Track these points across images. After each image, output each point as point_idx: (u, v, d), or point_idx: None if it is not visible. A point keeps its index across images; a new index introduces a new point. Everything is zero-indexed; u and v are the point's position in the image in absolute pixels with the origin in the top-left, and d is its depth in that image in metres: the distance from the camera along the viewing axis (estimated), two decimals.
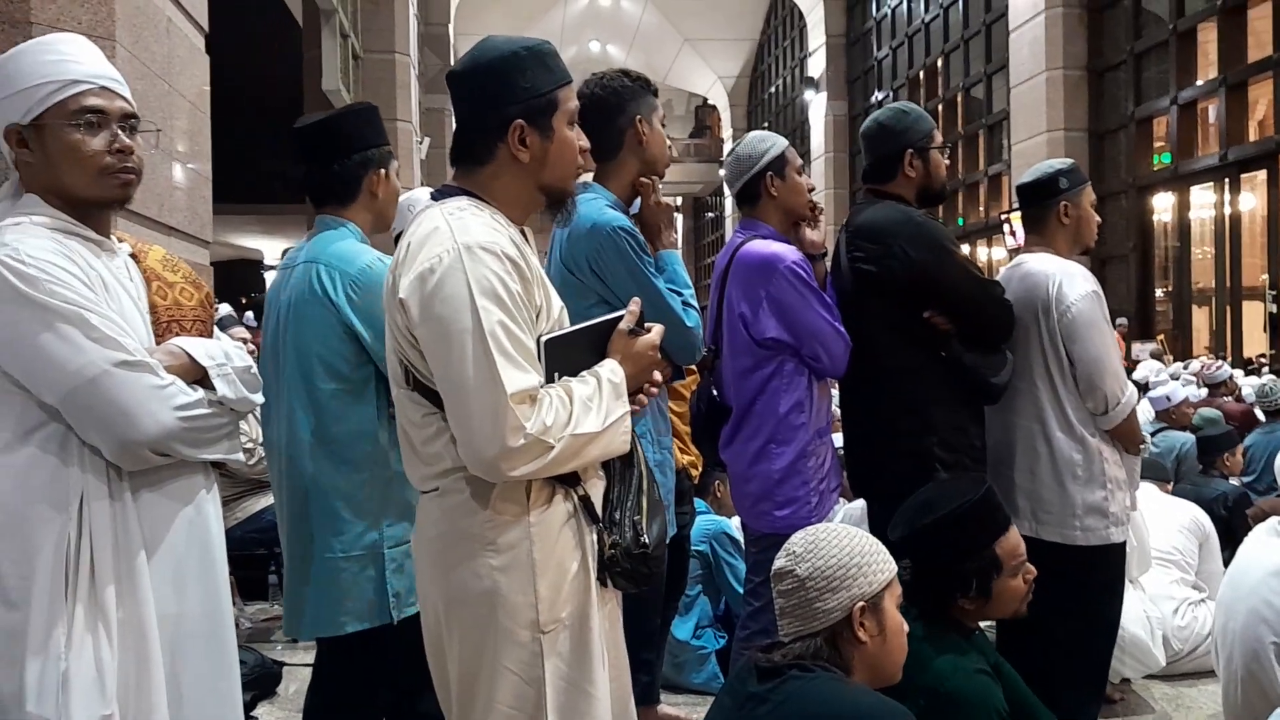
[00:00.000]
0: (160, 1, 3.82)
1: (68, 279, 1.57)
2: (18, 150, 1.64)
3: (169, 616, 1.65)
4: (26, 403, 1.57)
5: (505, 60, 1.60)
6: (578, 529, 1.61)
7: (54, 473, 1.57)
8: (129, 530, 1.62)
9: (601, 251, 2.23)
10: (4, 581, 1.56)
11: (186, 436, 1.64)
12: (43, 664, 1.53)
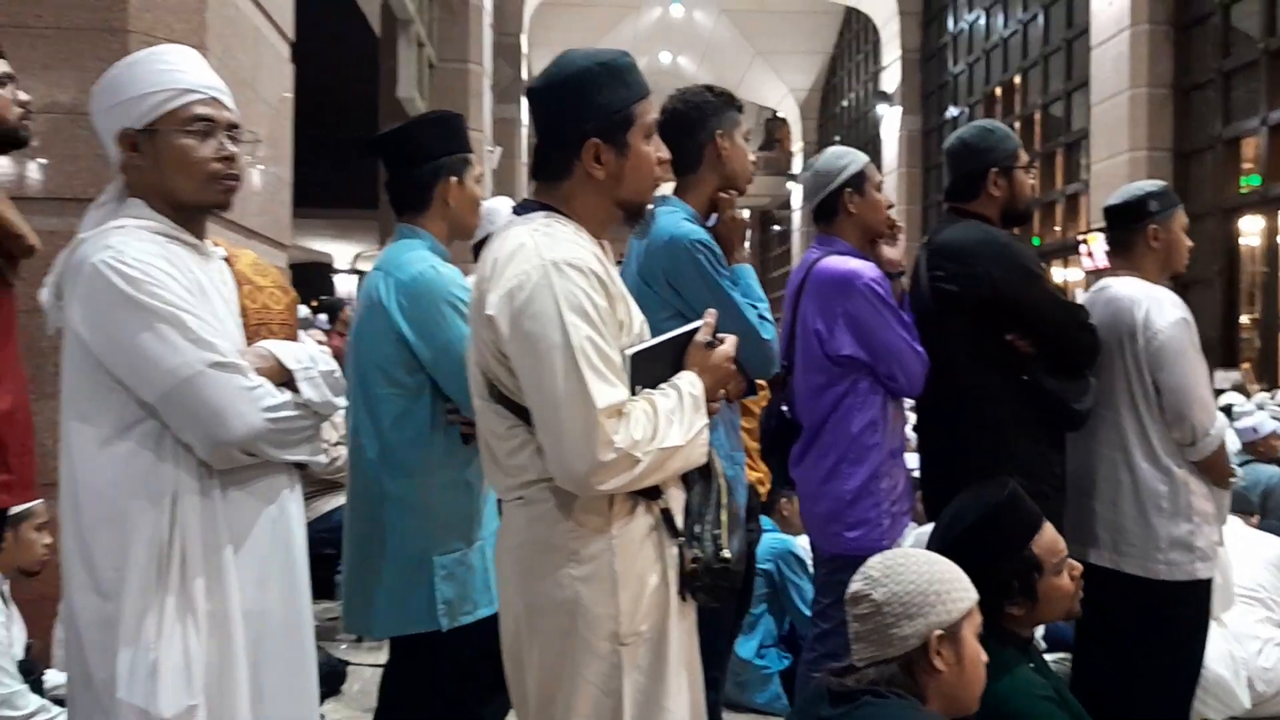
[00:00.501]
0: (249, 11, 3.93)
1: (168, 281, 1.62)
2: (128, 154, 1.70)
3: (252, 613, 1.69)
4: (126, 400, 1.62)
5: (580, 77, 1.61)
6: (659, 542, 1.62)
7: (150, 468, 1.62)
8: (217, 526, 1.66)
9: (678, 265, 2.23)
10: (98, 572, 1.61)
11: (273, 438, 1.68)
12: (134, 653, 1.58)
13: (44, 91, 3.19)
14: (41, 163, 3.23)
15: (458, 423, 2.13)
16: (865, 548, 2.33)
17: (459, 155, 2.27)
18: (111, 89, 1.71)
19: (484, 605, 2.15)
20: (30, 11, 3.18)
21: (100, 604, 1.60)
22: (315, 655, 1.83)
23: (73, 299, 1.61)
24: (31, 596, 3.03)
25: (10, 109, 2.11)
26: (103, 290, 1.58)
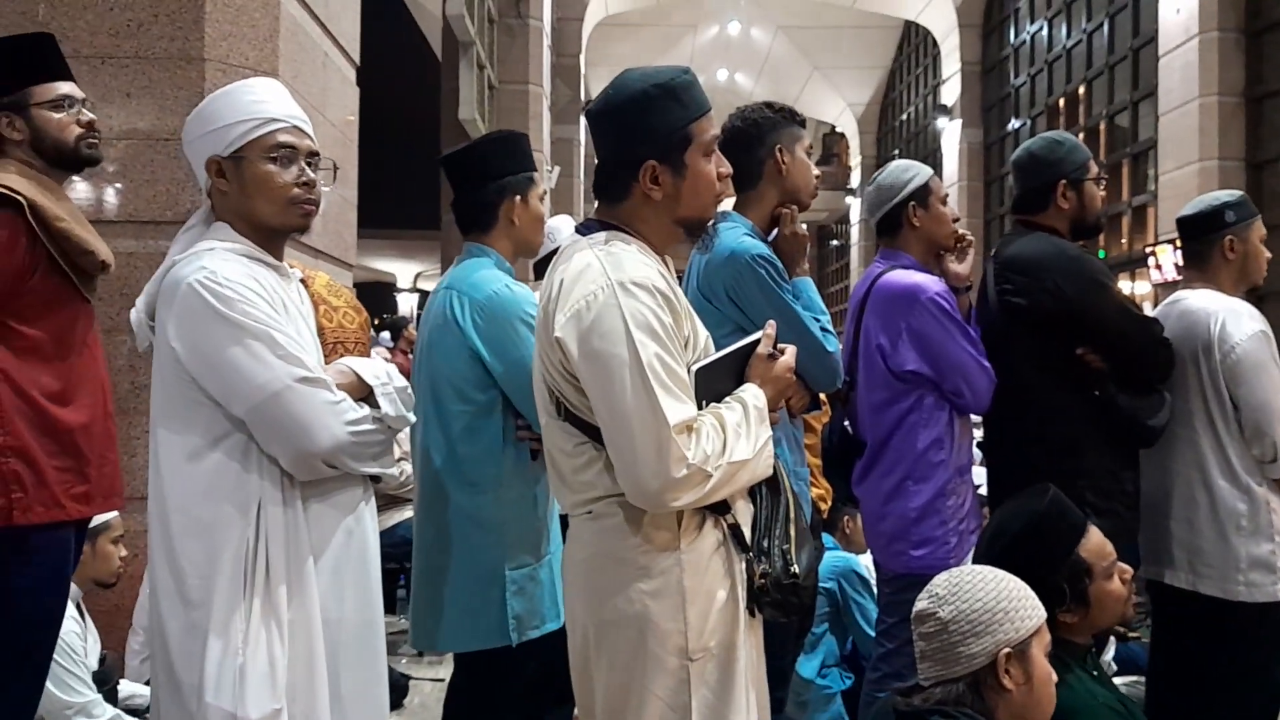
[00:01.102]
0: (318, 37, 4.03)
1: (257, 300, 1.69)
2: (216, 180, 1.78)
3: (330, 621, 1.74)
4: (214, 414, 1.69)
5: (636, 100, 1.63)
6: (727, 557, 1.62)
7: (236, 480, 1.69)
8: (299, 536, 1.72)
9: (739, 279, 2.23)
10: (186, 581, 1.67)
11: (354, 450, 1.74)
12: (221, 658, 1.64)
13: (124, 119, 3.31)
14: (120, 187, 3.34)
15: (527, 439, 2.16)
16: (931, 566, 2.30)
17: (523, 174, 2.31)
18: (202, 119, 1.79)
19: (551, 620, 2.17)
20: (113, 42, 3.30)
21: (187, 611, 1.66)
22: (386, 664, 1.87)
23: (168, 317, 1.69)
24: (106, 608, 3.12)
25: (69, 129, 2.19)
26: (197, 308, 1.66)
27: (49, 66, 2.22)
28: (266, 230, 1.81)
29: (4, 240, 2.02)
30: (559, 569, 2.16)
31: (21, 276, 2.04)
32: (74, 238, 2.09)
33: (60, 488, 2.07)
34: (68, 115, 2.19)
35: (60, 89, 2.20)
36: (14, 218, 2.04)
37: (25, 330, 2.06)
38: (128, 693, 2.98)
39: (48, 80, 2.19)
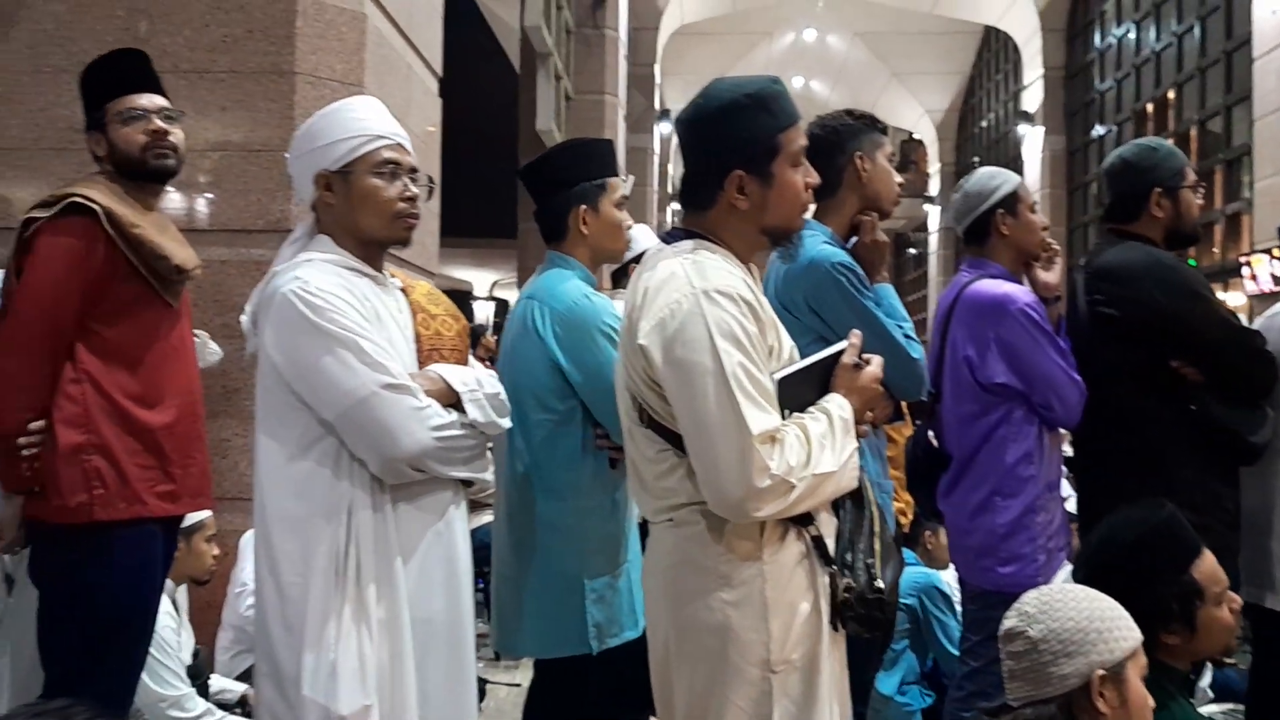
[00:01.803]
0: (402, 49, 4.11)
1: (347, 309, 1.75)
2: (323, 193, 1.84)
3: (418, 620, 1.79)
4: (309, 419, 1.75)
5: (725, 109, 1.63)
6: (810, 570, 1.61)
7: (329, 482, 1.74)
8: (388, 538, 1.77)
9: (820, 288, 2.20)
10: (283, 579, 1.74)
11: (440, 455, 1.78)
12: (316, 653, 1.70)
13: (219, 131, 3.42)
14: (214, 197, 3.45)
15: (606, 448, 2.17)
16: (1019, 584, 2.23)
17: (591, 182, 2.29)
18: (310, 135, 1.86)
19: (629, 628, 2.18)
20: (209, 57, 3.42)
21: (284, 606, 1.73)
22: (474, 665, 1.90)
23: (266, 325, 1.76)
24: (199, 604, 3.22)
25: (134, 141, 2.22)
26: (291, 317, 1.72)
27: (124, 81, 2.26)
28: (370, 242, 1.87)
29: (81, 246, 2.09)
30: (637, 577, 2.18)
31: (102, 281, 2.12)
32: (148, 243, 2.15)
33: (142, 485, 2.13)
34: (135, 127, 2.22)
35: (131, 101, 2.23)
36: (91, 225, 2.10)
37: (108, 333, 2.14)
38: (218, 687, 3.07)
39: (122, 94, 2.23)
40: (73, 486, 2.07)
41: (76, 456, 2.08)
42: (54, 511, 2.09)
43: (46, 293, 2.09)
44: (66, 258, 2.09)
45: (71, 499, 2.07)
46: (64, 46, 3.40)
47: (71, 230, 2.10)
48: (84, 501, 2.07)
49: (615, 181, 2.33)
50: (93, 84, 2.28)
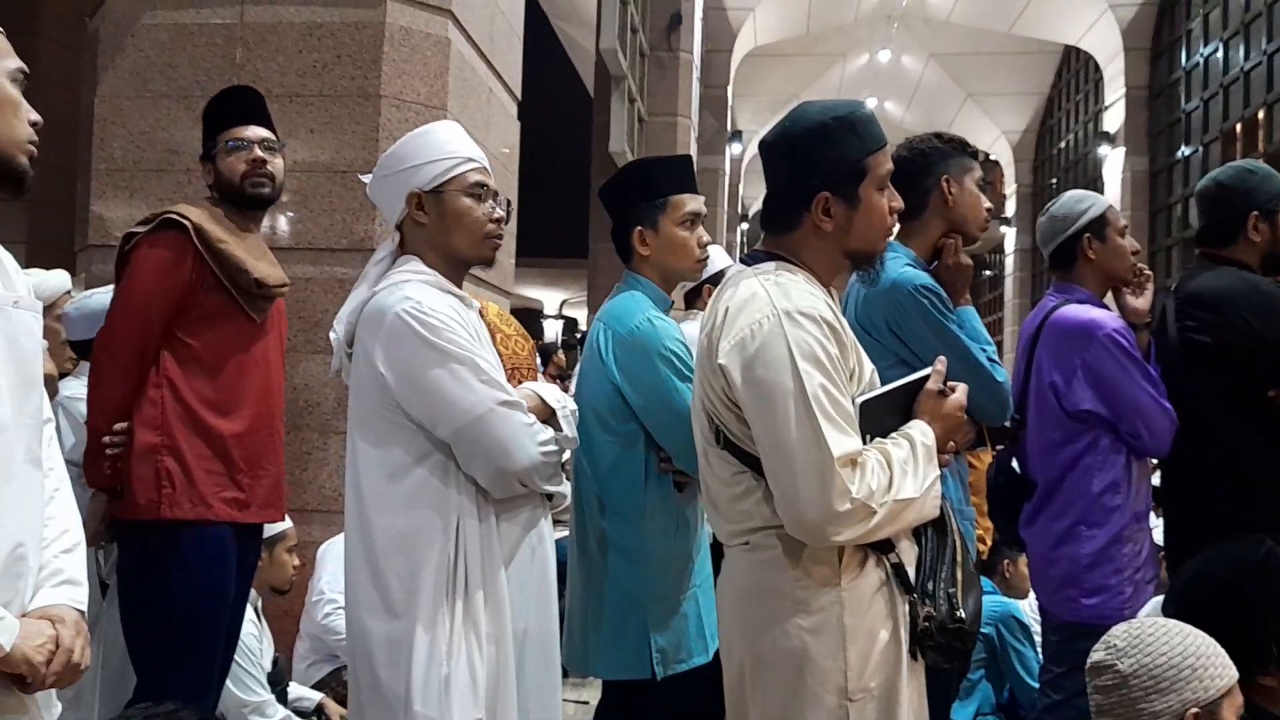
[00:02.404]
0: (484, 73, 4.20)
1: (458, 328, 1.79)
2: (414, 212, 1.88)
3: (516, 632, 1.81)
4: (415, 435, 1.78)
5: (813, 131, 1.63)
6: (890, 597, 1.59)
7: (437, 495, 1.77)
8: (493, 550, 1.79)
9: (901, 311, 2.18)
10: (390, 594, 1.75)
11: (542, 470, 1.82)
12: (427, 667, 1.71)
13: (307, 153, 3.53)
14: (300, 215, 3.55)
15: (669, 471, 2.16)
16: (1103, 616, 2.18)
17: (650, 201, 2.28)
18: (399, 156, 1.90)
19: (698, 654, 2.16)
20: (300, 81, 3.53)
21: (391, 622, 1.74)
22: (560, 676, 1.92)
23: (374, 345, 1.78)
24: (277, 613, 3.29)
25: (235, 169, 2.38)
26: (405, 336, 1.75)
27: (232, 115, 2.43)
28: (458, 262, 1.91)
29: (171, 258, 2.24)
30: (706, 602, 2.17)
31: (188, 292, 2.25)
32: (232, 257, 2.26)
33: (209, 489, 2.22)
34: (237, 156, 2.37)
35: (236, 133, 2.40)
36: (181, 239, 2.24)
37: (190, 342, 2.26)
38: (296, 695, 3.14)
39: (229, 127, 2.40)
40: (144, 485, 2.19)
41: (150, 456, 2.20)
42: (128, 508, 2.22)
43: (137, 301, 2.23)
44: (157, 269, 2.23)
45: (143, 496, 2.19)
46: (165, 73, 3.54)
47: (163, 244, 2.25)
48: (153, 499, 2.19)
49: (680, 199, 2.26)
50: (209, 117, 2.45)
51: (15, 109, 1.42)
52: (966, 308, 2.32)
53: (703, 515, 2.23)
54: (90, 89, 3.68)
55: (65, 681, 1.40)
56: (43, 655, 1.35)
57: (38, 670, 1.34)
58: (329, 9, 3.55)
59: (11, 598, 1.35)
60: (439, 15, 3.69)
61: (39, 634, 1.36)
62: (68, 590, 1.44)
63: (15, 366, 1.41)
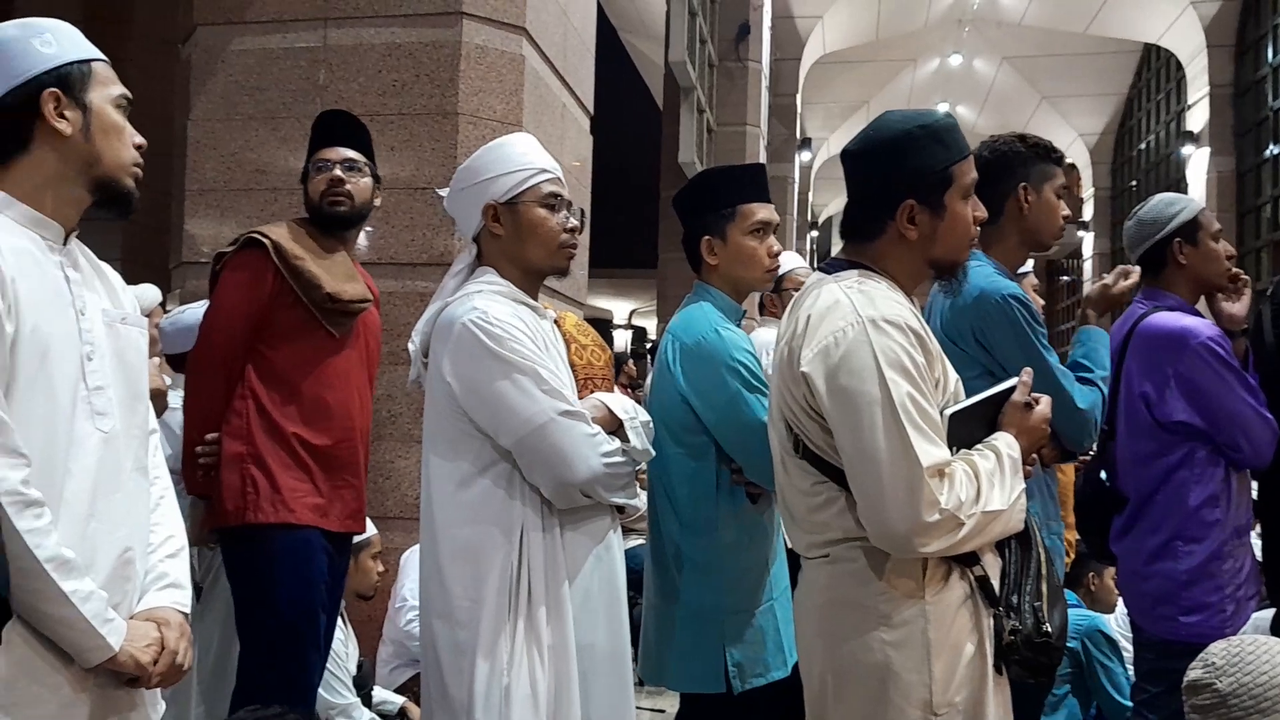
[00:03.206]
0: (557, 89, 4.25)
1: (523, 338, 1.81)
2: (490, 224, 1.91)
3: (582, 646, 1.81)
4: (483, 444, 1.81)
5: (898, 140, 1.62)
6: (974, 610, 1.56)
7: (502, 505, 1.79)
8: (557, 561, 1.80)
9: (988, 321, 2.13)
10: (454, 601, 1.77)
11: (607, 481, 1.82)
12: (489, 678, 1.73)
13: (387, 170, 3.60)
14: (382, 231, 3.63)
15: (741, 483, 2.15)
16: (1203, 635, 2.09)
17: (718, 211, 2.27)
18: (475, 169, 1.93)
19: (776, 668, 2.14)
20: (381, 100, 3.62)
21: (455, 630, 1.77)
22: (633, 692, 1.91)
23: (443, 353, 1.82)
24: (361, 618, 3.37)
25: (315, 189, 2.48)
26: (471, 346, 1.78)
27: (324, 137, 2.55)
28: (533, 272, 1.93)
29: (253, 275, 2.33)
30: (785, 615, 2.15)
31: (269, 308, 2.34)
32: (306, 273, 2.33)
33: (291, 495, 2.29)
34: (320, 176, 2.47)
35: (323, 154, 2.50)
36: (262, 257, 2.33)
37: (273, 355, 2.34)
38: (379, 698, 3.21)
39: (319, 148, 2.51)
40: (232, 492, 2.27)
41: (237, 465, 2.28)
42: (219, 516, 2.30)
43: (222, 318, 2.34)
44: (239, 286, 2.34)
45: (230, 503, 2.28)
46: (253, 95, 3.67)
47: (245, 262, 2.36)
48: (239, 506, 2.27)
49: (749, 209, 2.24)
50: (310, 140, 2.56)
51: (120, 134, 1.48)
52: (1095, 328, 2.26)
53: (778, 526, 2.22)
54: (183, 113, 3.83)
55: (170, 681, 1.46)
56: (149, 656, 1.41)
57: (145, 670, 1.40)
58: (408, 29, 3.64)
59: (120, 600, 1.42)
60: (513, 33, 3.75)
61: (145, 635, 1.42)
62: (172, 593, 1.51)
63: (124, 380, 1.48)
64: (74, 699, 1.35)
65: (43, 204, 1.43)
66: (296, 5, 3.68)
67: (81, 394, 1.40)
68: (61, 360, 1.39)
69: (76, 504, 1.37)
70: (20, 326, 1.34)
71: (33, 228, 1.42)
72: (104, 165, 1.46)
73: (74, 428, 1.39)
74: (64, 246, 1.46)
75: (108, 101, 1.47)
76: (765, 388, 2.11)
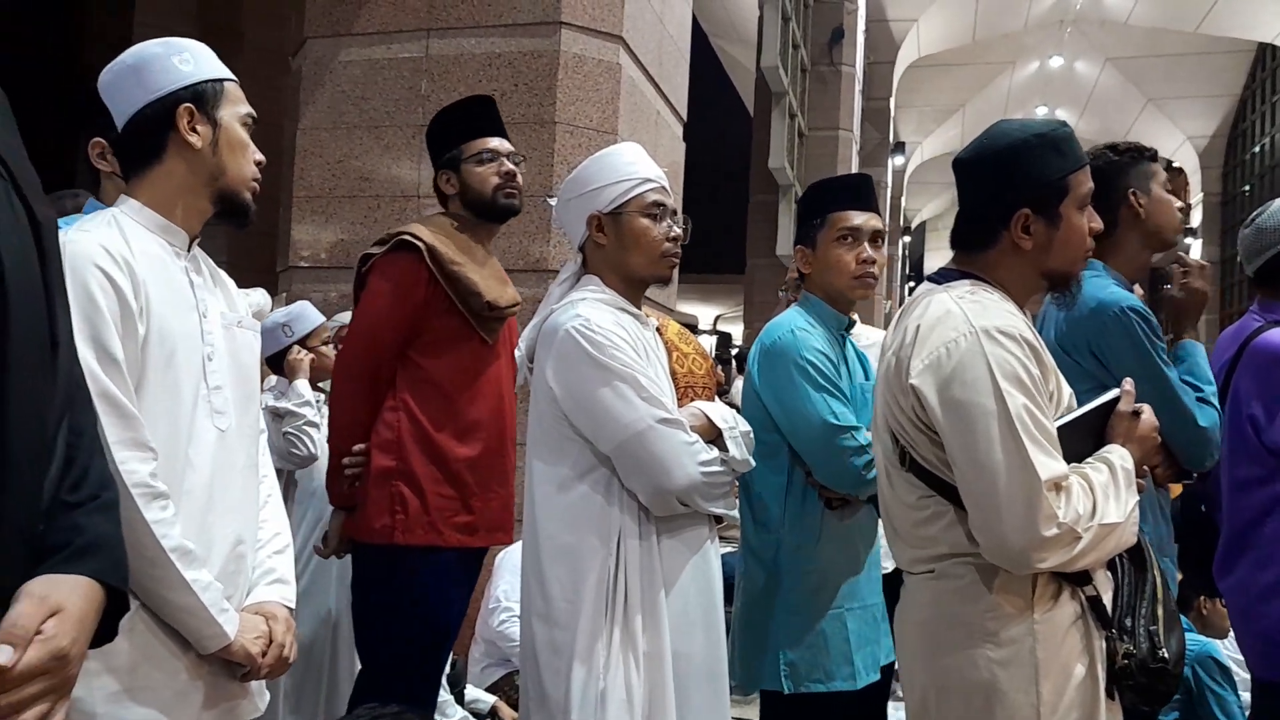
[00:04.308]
0: (652, 97, 4.28)
1: (624, 346, 1.82)
2: (595, 234, 1.93)
3: (679, 655, 1.81)
4: (583, 449, 1.83)
5: (1014, 148, 1.59)
6: (1085, 632, 1.52)
7: (600, 510, 1.81)
8: (653, 569, 1.81)
9: (1105, 333, 2.06)
10: (553, 603, 1.80)
11: (704, 490, 1.82)
12: (585, 681, 1.75)
13: None
14: None
15: (815, 485, 2.15)
16: None
17: (807, 222, 2.28)
18: (581, 180, 1.96)
19: (841, 678, 2.12)
20: None
21: (553, 631, 1.79)
22: (729, 702, 1.91)
23: (546, 360, 1.85)
24: None
25: (488, 181, 2.32)
26: (572, 353, 1.81)
27: (477, 124, 2.35)
28: (635, 281, 1.95)
29: (405, 281, 2.19)
30: (860, 628, 2.16)
31: (422, 315, 2.22)
32: (465, 280, 2.22)
33: (440, 516, 2.21)
34: (489, 168, 2.30)
35: (485, 144, 2.33)
36: (415, 261, 2.19)
37: (426, 365, 2.23)
38: (471, 696, 3.27)
39: (475, 137, 2.34)
40: (379, 509, 2.20)
41: (385, 480, 2.20)
42: (363, 531, 2.23)
43: (373, 324, 2.23)
44: (391, 291, 2.21)
45: (377, 520, 2.20)
46: (358, 105, 3.79)
47: (398, 266, 2.21)
48: (387, 524, 2.19)
49: (838, 216, 2.24)
50: (449, 126, 2.39)
51: (245, 150, 1.56)
52: (1192, 341, 2.18)
53: (866, 536, 2.21)
54: (291, 122, 3.97)
55: (277, 673, 1.52)
56: (258, 647, 1.47)
57: (255, 661, 1.46)
58: (507, 39, 3.71)
59: (232, 592, 1.48)
60: (610, 42, 3.79)
61: (254, 628, 1.48)
62: (279, 589, 1.57)
63: (239, 381, 1.55)
64: (190, 685, 1.42)
65: (172, 212, 1.51)
66: (401, 17, 3.79)
67: (202, 393, 1.47)
68: (186, 360, 1.46)
69: (195, 498, 1.44)
70: (150, 327, 1.42)
71: (161, 234, 1.50)
72: (228, 178, 1.53)
73: (195, 424, 1.45)
74: (188, 252, 1.54)
75: (236, 119, 1.54)
76: (835, 388, 2.12)
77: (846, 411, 2.12)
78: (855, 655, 2.13)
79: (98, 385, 1.29)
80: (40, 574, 0.93)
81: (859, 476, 2.08)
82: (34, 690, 0.89)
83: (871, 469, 2.02)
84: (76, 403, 1.01)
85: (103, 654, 1.18)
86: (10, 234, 0.94)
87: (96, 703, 1.32)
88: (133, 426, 1.35)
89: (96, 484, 1.00)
